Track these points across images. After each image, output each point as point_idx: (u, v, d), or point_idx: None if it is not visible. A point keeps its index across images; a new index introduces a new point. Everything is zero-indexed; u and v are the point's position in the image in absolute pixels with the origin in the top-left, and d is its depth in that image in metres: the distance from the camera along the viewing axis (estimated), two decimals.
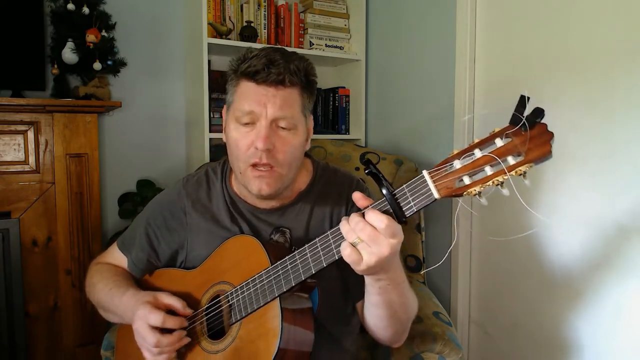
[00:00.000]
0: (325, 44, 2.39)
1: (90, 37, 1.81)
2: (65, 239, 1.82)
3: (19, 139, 1.76)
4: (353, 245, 0.72)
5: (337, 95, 2.45)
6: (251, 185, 0.94)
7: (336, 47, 2.41)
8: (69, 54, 1.81)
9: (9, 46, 1.76)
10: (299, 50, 2.28)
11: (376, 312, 0.92)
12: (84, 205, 1.86)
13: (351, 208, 1.05)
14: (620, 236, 1.36)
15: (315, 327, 0.88)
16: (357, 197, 0.76)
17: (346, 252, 0.72)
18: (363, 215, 0.72)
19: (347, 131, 2.47)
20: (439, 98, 1.95)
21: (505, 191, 0.62)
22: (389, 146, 2.23)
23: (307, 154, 1.11)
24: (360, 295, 0.98)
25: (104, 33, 1.87)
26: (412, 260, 1.70)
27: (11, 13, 1.76)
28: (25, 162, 1.77)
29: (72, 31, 1.82)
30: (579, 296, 1.47)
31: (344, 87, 2.48)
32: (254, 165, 0.92)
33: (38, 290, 1.80)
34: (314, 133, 2.62)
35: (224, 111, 1.02)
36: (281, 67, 0.90)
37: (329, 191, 1.06)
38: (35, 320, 1.80)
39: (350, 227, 0.72)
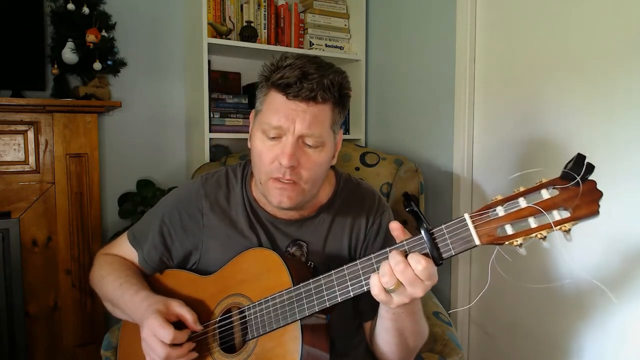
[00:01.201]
0: (325, 44, 2.39)
1: (90, 37, 1.81)
2: (65, 239, 1.82)
3: (19, 139, 1.76)
4: (388, 291, 0.70)
5: None
6: (271, 196, 0.92)
7: (336, 47, 2.41)
8: (69, 54, 1.81)
9: (9, 46, 1.76)
10: (298, 51, 2.30)
11: (386, 337, 0.90)
12: (84, 205, 1.85)
13: (371, 226, 1.03)
14: (620, 236, 1.36)
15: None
16: (395, 227, 0.74)
17: (375, 291, 0.71)
18: (404, 255, 0.71)
19: (347, 131, 2.47)
20: (439, 98, 1.95)
21: (546, 244, 0.61)
22: (389, 146, 2.23)
23: (331, 166, 1.08)
24: (371, 316, 0.97)
25: (104, 33, 1.87)
26: None
27: (11, 13, 1.76)
28: (25, 162, 1.77)
29: (72, 31, 1.82)
30: (579, 296, 1.47)
31: None
32: (276, 179, 0.90)
33: (38, 290, 1.80)
34: None
35: (251, 116, 0.98)
36: (315, 82, 0.85)
37: (350, 206, 1.03)
38: (35, 320, 1.80)
39: (389, 269, 0.70)
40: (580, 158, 0.60)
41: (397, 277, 0.69)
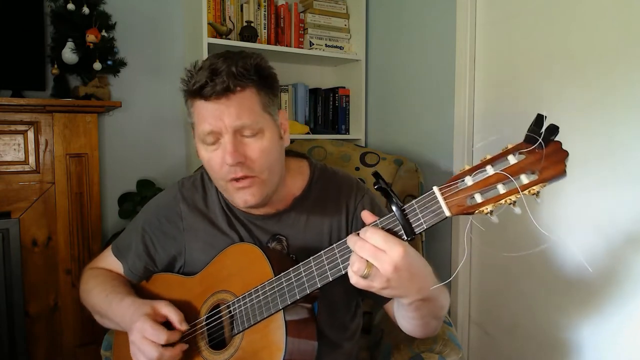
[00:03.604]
0: (325, 44, 2.39)
1: (90, 37, 1.81)
2: (65, 239, 1.82)
3: (19, 139, 1.76)
4: (364, 277, 0.69)
5: (337, 95, 2.45)
6: (235, 199, 0.91)
7: (336, 47, 2.41)
8: (69, 54, 1.81)
9: (9, 46, 1.76)
10: (298, 51, 2.30)
11: (411, 321, 0.88)
12: (84, 205, 1.85)
13: (354, 212, 1.02)
14: (620, 235, 1.36)
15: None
16: (365, 216, 0.73)
17: (353, 280, 0.70)
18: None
19: (347, 131, 2.47)
20: (439, 98, 1.95)
21: (517, 210, 0.61)
22: (389, 146, 2.23)
23: (304, 155, 1.08)
24: (379, 301, 0.96)
25: (104, 33, 1.86)
26: None
27: (11, 13, 1.76)
28: (25, 162, 1.77)
29: (72, 31, 1.82)
30: (579, 296, 1.47)
31: (344, 87, 2.48)
32: (232, 180, 0.89)
33: (38, 290, 1.80)
34: (314, 133, 2.62)
35: (193, 131, 0.96)
36: (224, 74, 0.84)
37: (327, 196, 1.02)
38: (35, 320, 1.80)
39: (355, 254, 0.69)
40: (539, 118, 0.60)
41: (360, 255, 0.68)
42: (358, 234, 0.70)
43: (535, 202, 0.60)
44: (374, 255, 0.67)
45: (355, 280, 0.69)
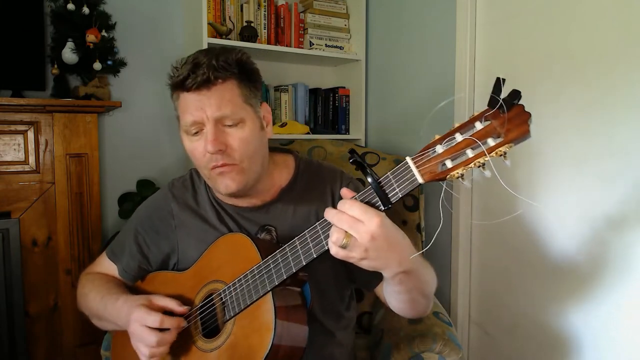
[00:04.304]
0: (325, 44, 2.39)
1: (90, 37, 1.81)
2: (65, 239, 1.82)
3: (19, 139, 1.76)
4: (343, 247, 0.71)
5: (337, 95, 2.45)
6: (218, 185, 0.94)
7: (336, 47, 2.41)
8: (69, 54, 1.81)
9: (9, 46, 1.76)
10: (298, 51, 2.30)
11: (398, 297, 0.91)
12: (84, 205, 1.85)
13: (339, 199, 1.04)
14: (620, 235, 1.36)
15: (309, 322, 0.88)
16: (344, 192, 0.76)
17: (333, 251, 0.72)
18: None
19: (347, 131, 2.47)
20: (439, 98, 1.95)
21: (487, 173, 0.64)
22: (389, 146, 2.23)
23: (290, 151, 1.11)
24: (375, 283, 1.00)
25: (104, 33, 1.87)
26: None
27: (11, 13, 1.76)
28: (25, 162, 1.77)
29: (72, 31, 1.82)
30: (579, 296, 1.47)
31: (344, 87, 2.48)
32: (214, 167, 0.92)
33: (38, 290, 1.80)
34: (314, 133, 2.62)
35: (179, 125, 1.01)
36: (205, 66, 0.88)
37: (313, 186, 1.05)
38: (35, 320, 1.80)
39: (333, 226, 0.71)
40: (498, 82, 0.63)
41: (338, 227, 0.70)
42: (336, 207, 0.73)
43: (504, 164, 0.63)
44: (351, 226, 0.69)
45: (334, 250, 0.72)
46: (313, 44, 2.35)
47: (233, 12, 2.20)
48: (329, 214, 0.72)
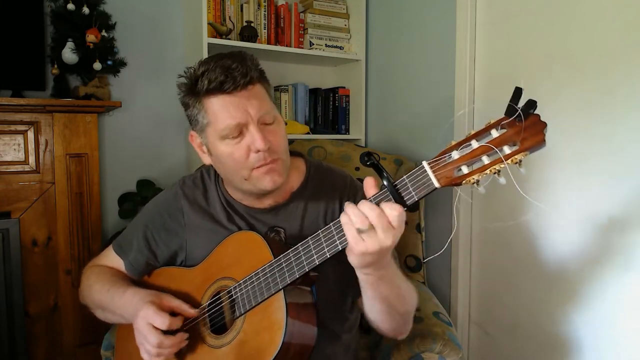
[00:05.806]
0: (325, 44, 2.39)
1: (90, 37, 1.81)
2: (65, 239, 1.82)
3: (19, 139, 1.76)
4: (360, 231, 0.72)
5: (337, 95, 2.45)
6: (263, 183, 0.94)
7: (336, 47, 2.41)
8: (69, 54, 1.81)
9: (9, 46, 1.76)
10: (298, 51, 2.30)
11: (374, 306, 0.92)
12: (84, 205, 1.86)
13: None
14: (619, 235, 1.36)
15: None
16: (369, 183, 0.76)
17: (346, 230, 0.73)
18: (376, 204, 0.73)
19: (347, 131, 2.47)
20: (439, 98, 1.95)
21: (502, 180, 0.65)
22: (389, 146, 2.23)
23: (300, 154, 1.11)
24: (360, 291, 0.99)
25: (104, 33, 1.87)
26: (412, 261, 1.70)
27: (11, 13, 1.76)
28: (25, 162, 1.77)
29: (72, 31, 1.82)
30: (579, 296, 1.47)
31: (344, 87, 2.48)
32: (259, 167, 0.92)
33: (38, 290, 1.80)
34: (314, 133, 2.63)
35: (193, 137, 1.00)
36: (240, 69, 0.89)
37: (323, 189, 1.06)
38: (35, 320, 1.80)
39: (359, 212, 0.72)
40: (517, 91, 0.65)
41: (370, 221, 0.71)
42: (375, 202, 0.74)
43: (519, 172, 0.64)
44: (385, 228, 0.71)
45: (354, 240, 0.72)
46: (313, 44, 2.35)
47: (233, 12, 2.20)
48: (366, 206, 0.72)
